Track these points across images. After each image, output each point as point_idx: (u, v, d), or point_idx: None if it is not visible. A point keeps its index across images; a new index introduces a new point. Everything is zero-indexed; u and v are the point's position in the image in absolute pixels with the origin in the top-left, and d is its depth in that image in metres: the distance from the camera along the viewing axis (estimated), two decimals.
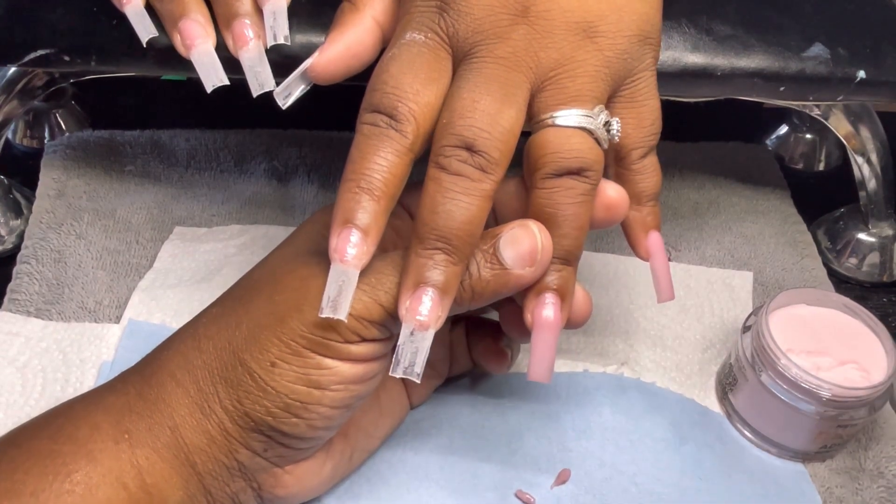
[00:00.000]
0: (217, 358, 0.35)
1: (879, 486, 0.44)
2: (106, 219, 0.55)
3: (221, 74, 0.41)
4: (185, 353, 0.36)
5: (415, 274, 0.32)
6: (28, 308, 0.49)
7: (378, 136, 0.33)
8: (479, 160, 0.32)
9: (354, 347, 0.34)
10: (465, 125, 0.33)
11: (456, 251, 0.32)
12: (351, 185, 0.33)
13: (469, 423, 0.45)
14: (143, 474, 0.34)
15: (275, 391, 0.34)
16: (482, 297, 0.34)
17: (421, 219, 0.33)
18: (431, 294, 0.32)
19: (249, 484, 0.36)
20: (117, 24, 0.43)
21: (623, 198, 0.36)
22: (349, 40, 0.37)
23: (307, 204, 0.58)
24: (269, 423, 0.34)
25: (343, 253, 0.32)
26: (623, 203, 0.36)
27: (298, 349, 0.34)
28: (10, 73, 0.51)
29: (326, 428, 0.35)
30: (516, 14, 0.34)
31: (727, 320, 0.52)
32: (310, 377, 0.34)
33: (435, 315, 0.32)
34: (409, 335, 0.32)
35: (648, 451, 0.44)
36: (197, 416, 0.35)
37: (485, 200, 0.33)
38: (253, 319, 0.35)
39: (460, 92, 0.33)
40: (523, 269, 0.34)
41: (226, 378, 0.35)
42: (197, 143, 0.60)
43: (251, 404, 0.34)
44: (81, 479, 0.33)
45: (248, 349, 0.34)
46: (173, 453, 0.35)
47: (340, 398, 0.34)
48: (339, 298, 0.32)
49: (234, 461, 0.35)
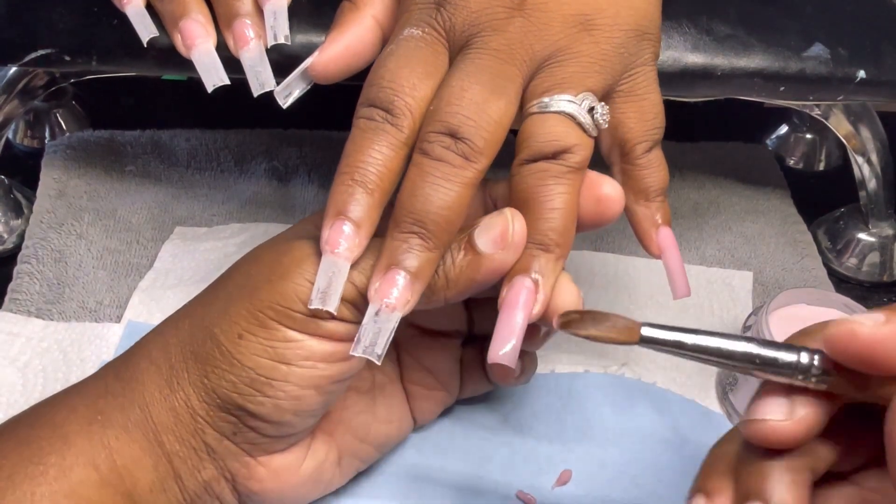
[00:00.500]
0: (191, 334, 0.35)
1: None
2: (106, 219, 0.55)
3: (222, 74, 0.41)
4: (163, 332, 0.36)
5: (388, 256, 0.32)
6: (29, 308, 0.49)
7: (374, 129, 0.33)
8: (463, 147, 0.32)
9: (325, 324, 0.33)
10: (451, 112, 0.32)
11: (432, 236, 0.32)
12: (345, 177, 0.33)
13: (469, 424, 0.45)
14: (113, 455, 0.34)
15: (241, 364, 0.33)
16: (456, 285, 0.34)
17: (399, 202, 0.32)
18: (403, 277, 0.32)
19: (222, 473, 0.35)
20: (118, 24, 0.43)
21: (618, 194, 0.36)
22: (349, 39, 0.37)
23: (307, 204, 0.58)
24: (235, 400, 0.34)
25: (335, 244, 0.32)
26: (617, 199, 0.35)
27: (265, 320, 0.33)
28: (10, 73, 0.51)
29: (296, 413, 0.34)
30: (512, 7, 0.34)
31: (727, 320, 0.52)
32: (276, 350, 0.33)
33: (404, 299, 0.32)
34: (374, 315, 0.32)
35: (649, 451, 0.44)
36: (165, 392, 0.34)
37: (465, 188, 0.32)
38: (228, 294, 0.35)
39: (450, 80, 0.33)
40: (495, 251, 0.33)
41: (195, 353, 0.34)
42: (197, 143, 0.60)
43: (217, 379, 0.34)
44: (55, 461, 0.33)
45: (218, 322, 0.34)
46: (142, 432, 0.34)
47: (308, 376, 0.34)
48: (328, 290, 0.32)
49: (202, 442, 0.35)
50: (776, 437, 0.27)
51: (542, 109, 0.34)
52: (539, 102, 0.34)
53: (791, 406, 0.27)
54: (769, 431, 0.27)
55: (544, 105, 0.34)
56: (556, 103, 0.34)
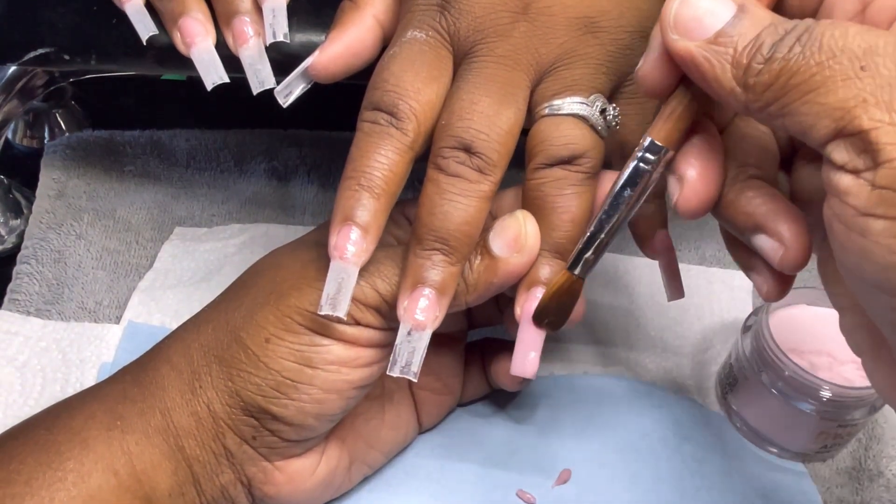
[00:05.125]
0: (214, 338, 0.36)
1: (879, 486, 0.44)
2: (106, 219, 0.55)
3: (221, 72, 0.41)
4: (183, 337, 0.37)
5: (413, 274, 0.33)
6: (28, 308, 0.49)
7: (379, 133, 0.33)
8: (478, 161, 0.32)
9: (349, 329, 0.34)
10: (464, 127, 0.33)
11: (454, 252, 0.33)
12: (351, 182, 0.33)
13: (470, 424, 0.45)
14: (133, 460, 0.34)
15: (267, 367, 0.34)
16: (476, 290, 0.34)
17: (419, 220, 0.33)
18: (429, 294, 0.32)
19: (238, 478, 0.36)
20: (117, 23, 0.43)
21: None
22: (350, 39, 0.37)
23: (307, 204, 0.58)
24: (259, 403, 0.34)
25: (343, 250, 0.32)
26: None
27: (293, 325, 0.34)
28: (10, 73, 0.51)
29: (318, 416, 0.35)
30: (517, 11, 0.34)
31: (727, 320, 0.52)
32: (302, 354, 0.34)
33: (433, 315, 0.33)
34: (406, 335, 0.33)
35: (649, 451, 0.44)
36: (187, 397, 0.35)
37: (482, 201, 0.33)
38: (253, 299, 0.36)
39: (459, 93, 0.33)
40: (510, 256, 0.34)
41: (220, 356, 0.35)
42: (197, 143, 0.60)
43: (242, 382, 0.34)
44: (73, 466, 0.33)
45: (244, 326, 0.35)
46: (163, 437, 0.35)
47: (332, 380, 0.34)
48: (338, 296, 0.32)
49: (222, 447, 0.35)
50: None
51: (554, 112, 0.34)
52: (550, 105, 0.34)
53: None
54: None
55: (556, 108, 0.34)
56: (569, 106, 0.34)
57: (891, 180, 0.22)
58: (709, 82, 0.26)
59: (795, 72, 0.24)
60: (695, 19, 0.26)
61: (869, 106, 0.22)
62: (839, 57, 0.23)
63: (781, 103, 0.24)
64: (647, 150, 0.29)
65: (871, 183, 0.22)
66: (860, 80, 0.23)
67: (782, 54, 0.24)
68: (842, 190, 0.23)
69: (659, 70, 0.28)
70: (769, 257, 0.29)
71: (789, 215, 0.28)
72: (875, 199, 0.22)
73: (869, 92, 0.22)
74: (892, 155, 0.22)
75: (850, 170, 0.23)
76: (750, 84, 0.25)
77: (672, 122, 0.29)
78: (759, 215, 0.29)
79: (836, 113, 0.23)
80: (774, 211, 0.29)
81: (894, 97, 0.22)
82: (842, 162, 0.23)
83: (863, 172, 0.23)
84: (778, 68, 0.24)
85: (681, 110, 0.29)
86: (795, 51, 0.24)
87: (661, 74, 0.28)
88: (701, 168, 0.29)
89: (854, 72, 0.23)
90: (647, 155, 0.29)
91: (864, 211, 0.23)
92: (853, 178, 0.23)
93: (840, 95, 0.23)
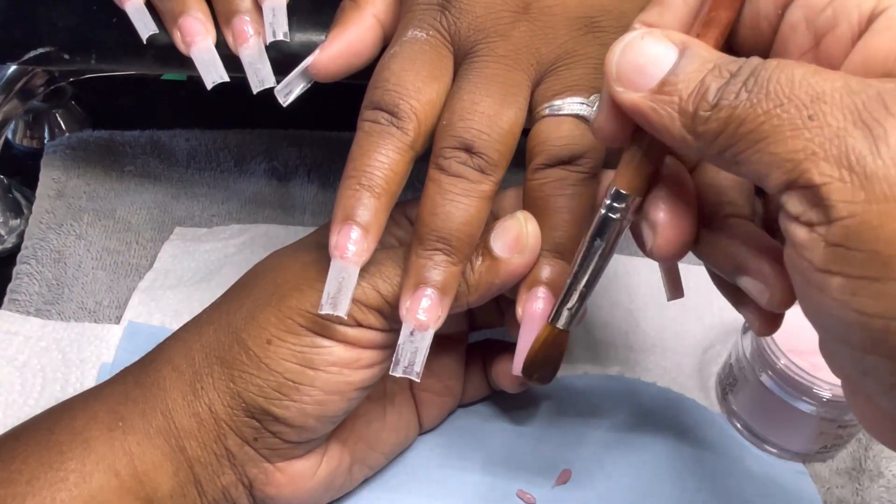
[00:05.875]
0: (216, 339, 0.36)
1: (879, 486, 0.44)
2: (106, 219, 0.55)
3: (221, 71, 0.41)
4: (185, 339, 0.37)
5: (415, 274, 0.33)
6: (28, 308, 0.49)
7: (379, 133, 0.33)
8: (479, 161, 0.32)
9: (351, 331, 0.34)
10: (465, 127, 0.33)
11: (455, 252, 0.33)
12: (351, 181, 0.33)
13: (470, 424, 0.45)
14: (134, 461, 0.34)
15: (269, 368, 0.34)
16: (477, 290, 0.35)
17: (421, 220, 0.33)
18: (431, 294, 0.32)
19: (240, 479, 0.36)
20: (117, 22, 0.43)
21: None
22: (350, 38, 0.37)
23: (307, 204, 0.58)
24: (261, 404, 0.34)
25: (343, 250, 0.32)
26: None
27: (295, 327, 0.34)
28: (9, 72, 0.51)
29: (319, 418, 0.35)
30: (517, 11, 0.34)
31: (727, 320, 0.52)
32: (304, 355, 0.34)
33: (435, 315, 0.33)
34: (409, 335, 0.33)
35: (649, 451, 0.44)
36: (188, 398, 0.35)
37: (484, 201, 0.33)
38: (254, 301, 0.36)
39: (460, 93, 0.33)
40: (511, 256, 0.34)
41: (221, 358, 0.35)
42: (197, 143, 0.60)
43: (244, 384, 0.34)
44: (75, 467, 0.33)
45: (246, 328, 0.35)
46: (164, 438, 0.35)
47: (334, 382, 0.34)
48: (338, 295, 0.32)
49: (223, 448, 0.35)
50: None
51: (555, 113, 0.34)
52: (550, 106, 0.34)
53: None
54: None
55: (556, 108, 0.34)
56: (569, 106, 0.34)
57: (844, 238, 0.21)
58: (659, 133, 0.25)
59: (743, 120, 0.23)
60: (636, 70, 0.25)
61: (818, 160, 0.21)
62: (786, 105, 0.22)
63: (733, 151, 0.23)
64: (613, 199, 0.29)
65: (824, 239, 0.22)
66: (808, 130, 0.22)
67: (728, 101, 0.23)
68: (798, 243, 0.23)
69: (611, 121, 0.27)
70: (756, 298, 0.28)
71: (771, 255, 0.28)
72: (830, 255, 0.22)
73: (818, 144, 0.21)
74: (843, 213, 0.21)
75: (805, 222, 0.22)
76: (699, 132, 0.24)
77: (633, 168, 0.28)
78: (741, 257, 0.28)
79: (787, 165, 0.22)
80: (755, 252, 0.28)
81: (843, 150, 0.21)
82: (796, 213, 0.22)
83: (816, 226, 0.22)
84: (725, 116, 0.23)
85: (640, 156, 0.28)
86: (742, 97, 0.23)
87: (614, 125, 0.27)
88: (671, 212, 0.29)
89: (802, 121, 0.22)
90: (613, 204, 0.29)
91: (821, 267, 0.22)
92: (808, 232, 0.22)
93: (789, 147, 0.22)
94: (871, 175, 0.21)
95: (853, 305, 0.21)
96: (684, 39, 0.25)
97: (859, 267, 0.21)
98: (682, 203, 0.29)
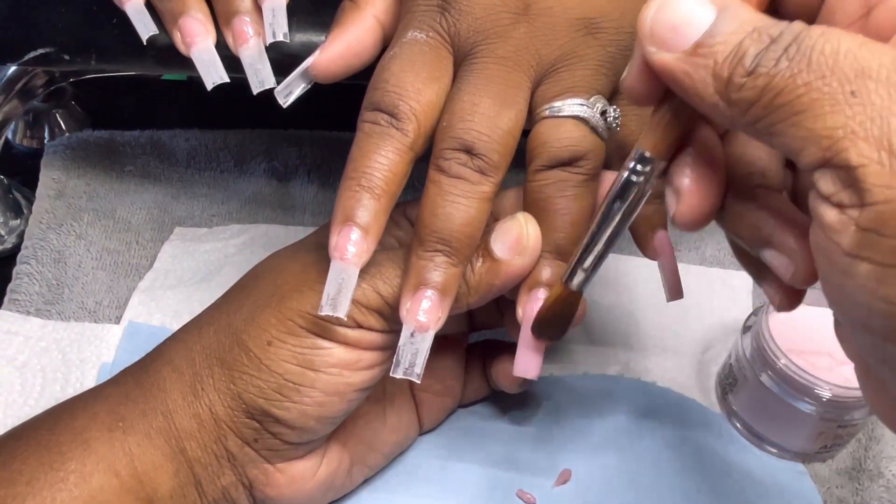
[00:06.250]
0: (216, 340, 0.36)
1: (879, 486, 0.44)
2: (106, 219, 0.55)
3: (221, 72, 0.41)
4: (185, 340, 0.37)
5: (415, 276, 0.33)
6: (28, 308, 0.49)
7: (379, 134, 0.33)
8: (479, 163, 0.33)
9: (351, 332, 0.34)
10: (465, 128, 0.33)
11: (455, 253, 0.33)
12: (351, 183, 0.33)
13: (469, 424, 0.45)
14: (135, 461, 0.34)
15: (269, 370, 0.34)
16: (477, 292, 0.35)
17: (421, 221, 0.33)
18: (431, 295, 0.32)
19: (240, 479, 0.36)
20: (117, 23, 0.43)
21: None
22: (350, 39, 0.37)
23: (307, 204, 0.58)
24: (261, 405, 0.34)
25: (343, 251, 0.32)
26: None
27: (295, 328, 0.34)
28: (10, 73, 0.51)
29: (319, 419, 0.35)
30: (517, 12, 0.34)
31: (727, 320, 0.52)
32: (304, 356, 0.34)
33: (435, 316, 0.33)
34: (409, 336, 0.33)
35: (649, 451, 0.44)
36: (189, 399, 0.35)
37: (484, 202, 0.33)
38: (254, 302, 0.36)
39: (460, 94, 0.33)
40: (512, 258, 0.34)
41: (222, 359, 0.35)
42: (197, 143, 0.60)
43: (244, 385, 0.34)
44: (75, 467, 0.33)
45: (246, 329, 0.35)
46: (164, 439, 0.35)
47: (334, 383, 0.34)
48: (338, 297, 0.32)
49: (224, 449, 0.35)
50: None
51: (555, 114, 0.34)
52: (550, 107, 0.34)
53: None
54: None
55: (556, 110, 0.34)
56: (569, 107, 0.34)
57: (877, 223, 0.20)
58: (691, 97, 0.24)
59: (781, 90, 0.22)
60: (672, 29, 0.24)
61: (858, 139, 0.20)
62: (829, 78, 0.21)
63: (767, 122, 0.22)
64: (637, 162, 0.28)
65: (855, 222, 0.21)
66: (850, 107, 0.21)
67: (767, 69, 0.22)
68: (827, 224, 0.22)
69: (643, 80, 0.26)
70: (780, 273, 0.27)
71: (798, 229, 0.27)
72: (860, 240, 0.21)
73: (858, 122, 0.20)
74: (878, 197, 0.20)
75: (836, 203, 0.21)
76: (733, 100, 0.23)
77: (660, 131, 0.27)
78: (767, 229, 0.27)
79: (824, 142, 0.21)
80: (783, 225, 0.27)
81: (885, 132, 0.20)
82: (828, 193, 0.21)
83: (848, 209, 0.21)
84: (762, 84, 0.22)
85: (668, 118, 0.27)
86: (781, 66, 0.22)
87: (645, 85, 0.26)
88: (697, 179, 0.27)
89: (844, 97, 0.21)
90: (637, 166, 0.28)
91: (849, 251, 0.21)
92: (838, 214, 0.21)
93: (828, 123, 0.21)
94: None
95: (880, 293, 0.21)
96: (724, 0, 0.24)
97: (890, 255, 0.20)
98: (710, 170, 0.28)
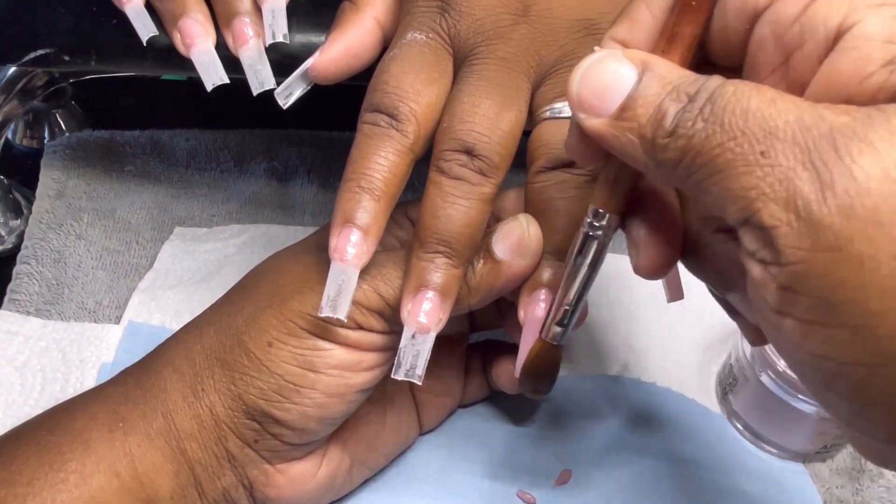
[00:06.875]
0: (217, 341, 0.36)
1: (879, 486, 0.44)
2: (106, 219, 0.55)
3: (221, 73, 0.41)
4: (185, 341, 0.37)
5: (416, 277, 0.33)
6: (28, 308, 0.49)
7: (379, 135, 0.33)
8: (479, 164, 0.32)
9: (352, 333, 0.34)
10: (465, 129, 0.33)
11: (456, 254, 0.33)
12: (351, 184, 0.33)
13: (470, 424, 0.45)
14: (135, 462, 0.34)
15: (269, 371, 0.34)
16: (478, 293, 0.35)
17: (422, 222, 0.33)
18: (432, 297, 0.32)
19: (240, 480, 0.36)
20: (117, 24, 0.43)
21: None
22: (350, 40, 0.37)
23: (307, 204, 0.58)
24: (261, 406, 0.34)
25: (343, 252, 0.32)
26: None
27: (296, 330, 0.34)
28: (10, 73, 0.51)
29: (320, 420, 0.35)
30: (517, 13, 0.34)
31: (727, 320, 0.51)
32: (305, 358, 0.34)
33: (436, 318, 0.33)
34: (410, 338, 0.33)
35: (649, 451, 0.44)
36: (189, 400, 0.35)
37: (484, 204, 0.33)
38: (255, 303, 0.36)
39: (461, 95, 0.33)
40: (513, 259, 0.34)
41: (222, 360, 0.35)
42: (197, 143, 0.60)
43: (245, 386, 0.34)
44: (75, 467, 0.33)
45: (247, 330, 0.35)
46: (164, 439, 0.35)
47: (334, 385, 0.34)
48: (338, 298, 0.32)
49: (224, 450, 0.35)
50: None
51: (556, 115, 0.34)
52: (551, 108, 0.34)
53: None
54: None
55: (557, 111, 0.34)
56: (568, 108, 0.34)
57: (793, 282, 0.21)
58: (624, 158, 0.25)
59: (699, 150, 0.22)
60: (597, 95, 0.24)
61: (769, 201, 0.21)
62: (740, 139, 0.21)
63: (693, 180, 0.23)
64: (592, 218, 0.29)
65: (776, 280, 0.21)
66: (760, 168, 0.21)
67: (685, 130, 0.22)
68: (753, 279, 0.22)
69: (582, 144, 0.27)
70: (746, 315, 0.28)
71: None
72: (781, 297, 0.21)
73: (768, 184, 0.21)
74: (791, 258, 0.21)
75: (759, 260, 0.22)
76: (659, 160, 0.23)
77: (608, 187, 0.28)
78: (727, 274, 0.28)
79: (741, 202, 0.21)
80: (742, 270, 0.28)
81: (791, 193, 0.20)
82: (752, 250, 0.22)
83: (770, 266, 0.21)
84: (682, 145, 0.22)
85: (614, 175, 0.28)
86: (698, 126, 0.22)
87: (585, 148, 0.27)
88: (653, 230, 0.28)
89: (755, 157, 0.21)
90: (592, 222, 0.29)
91: (774, 307, 0.22)
92: (762, 270, 0.22)
93: (742, 183, 0.21)
94: (816, 223, 0.20)
95: (805, 347, 0.21)
96: (645, 59, 0.24)
97: (807, 312, 0.21)
98: (665, 220, 0.28)
